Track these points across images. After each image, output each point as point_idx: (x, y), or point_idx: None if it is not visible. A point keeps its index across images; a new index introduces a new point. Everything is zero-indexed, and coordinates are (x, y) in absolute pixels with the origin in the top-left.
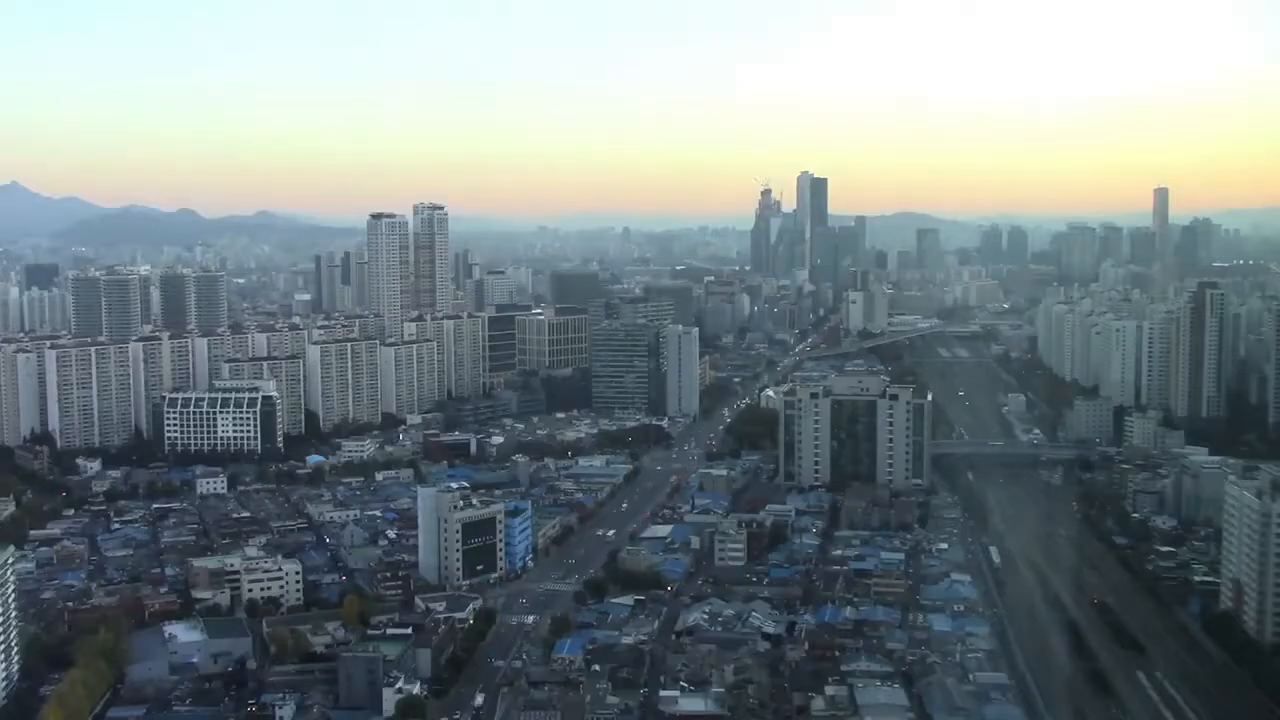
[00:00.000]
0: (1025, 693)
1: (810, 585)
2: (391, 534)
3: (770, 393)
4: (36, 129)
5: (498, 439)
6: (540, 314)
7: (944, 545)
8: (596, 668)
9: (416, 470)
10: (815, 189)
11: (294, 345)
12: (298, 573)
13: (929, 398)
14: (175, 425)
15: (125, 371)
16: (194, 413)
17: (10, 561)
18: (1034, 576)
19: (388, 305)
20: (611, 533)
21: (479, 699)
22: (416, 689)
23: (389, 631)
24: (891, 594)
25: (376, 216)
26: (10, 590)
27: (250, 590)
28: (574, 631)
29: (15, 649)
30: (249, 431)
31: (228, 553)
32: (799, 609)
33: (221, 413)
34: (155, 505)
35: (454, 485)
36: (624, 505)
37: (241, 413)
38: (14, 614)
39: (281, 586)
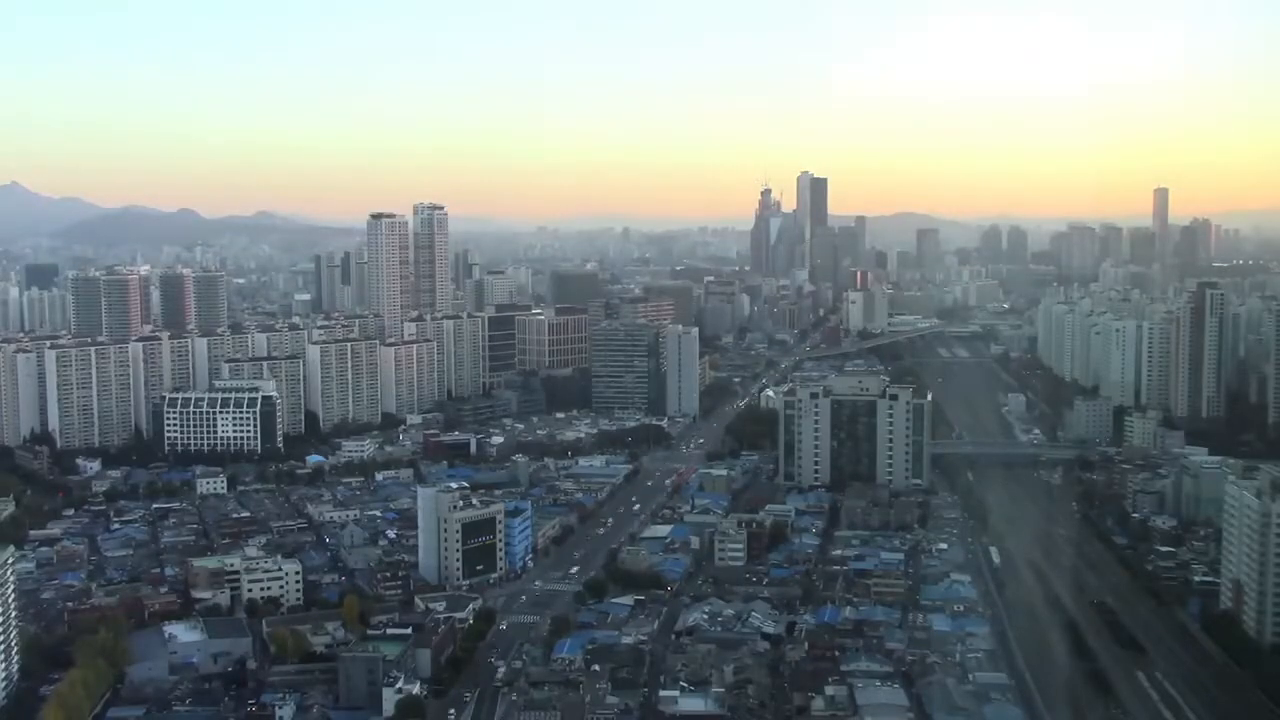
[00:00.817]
0: (1025, 693)
1: (810, 585)
2: (391, 534)
3: (770, 393)
4: (36, 129)
5: (498, 439)
6: (540, 314)
7: (944, 545)
8: (596, 668)
9: (416, 470)
10: (815, 189)
11: (294, 345)
12: (298, 573)
13: (929, 398)
14: (175, 425)
15: (125, 371)
16: (194, 413)
17: (10, 561)
18: (1034, 577)
19: (388, 305)
20: (609, 532)
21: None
22: (416, 689)
23: (389, 631)
24: (891, 594)
25: (376, 216)
26: (10, 590)
27: (250, 590)
28: (574, 631)
29: (15, 649)
30: (249, 431)
31: (228, 553)
32: (799, 609)
33: (221, 413)
34: (155, 505)
35: (454, 485)
36: (624, 505)
37: (241, 413)
38: (14, 614)
39: (281, 586)
